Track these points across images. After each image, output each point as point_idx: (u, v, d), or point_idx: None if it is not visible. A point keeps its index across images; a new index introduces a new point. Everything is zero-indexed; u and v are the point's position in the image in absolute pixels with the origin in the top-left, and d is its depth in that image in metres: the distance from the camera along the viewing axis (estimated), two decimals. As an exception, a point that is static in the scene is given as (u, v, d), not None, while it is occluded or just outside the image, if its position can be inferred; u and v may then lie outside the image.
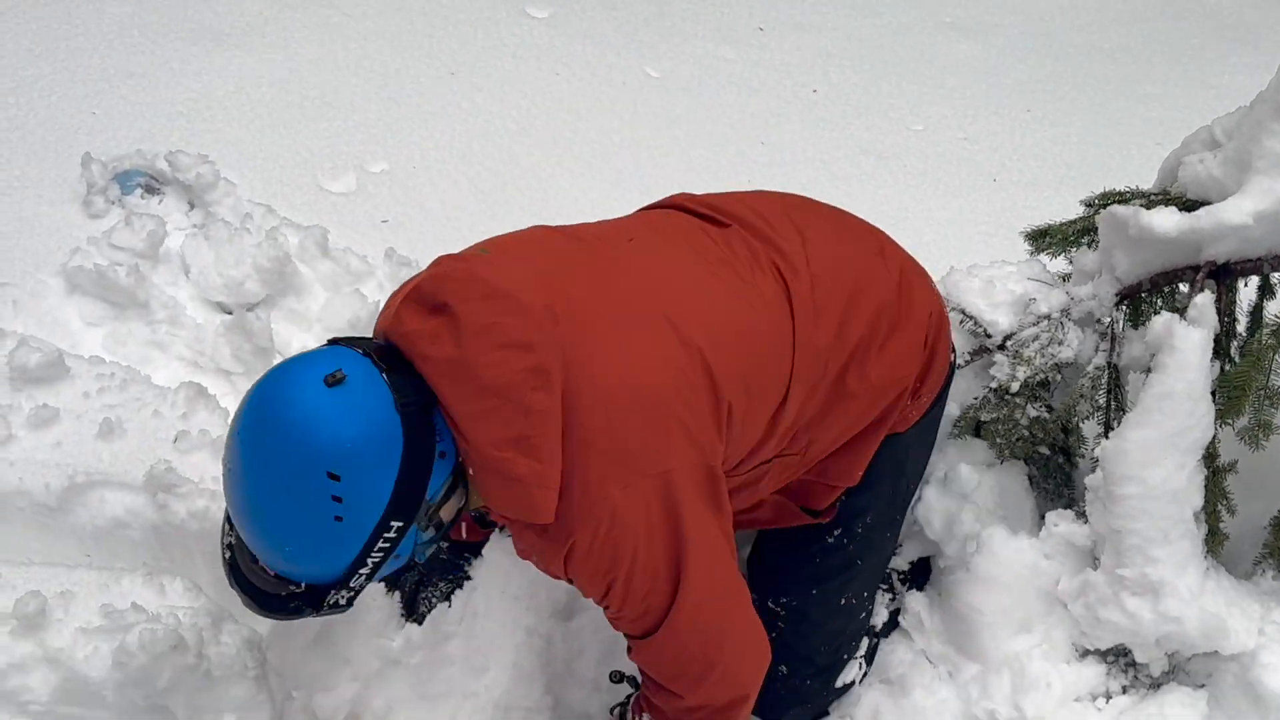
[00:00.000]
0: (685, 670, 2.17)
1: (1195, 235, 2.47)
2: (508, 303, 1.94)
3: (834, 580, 2.52)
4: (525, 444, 1.90)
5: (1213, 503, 2.51)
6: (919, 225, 4.52)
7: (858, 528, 2.49)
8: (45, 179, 4.19)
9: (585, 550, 1.99)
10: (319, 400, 1.83)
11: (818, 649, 2.56)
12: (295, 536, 1.87)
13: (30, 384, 2.76)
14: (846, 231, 2.43)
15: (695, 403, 2.01)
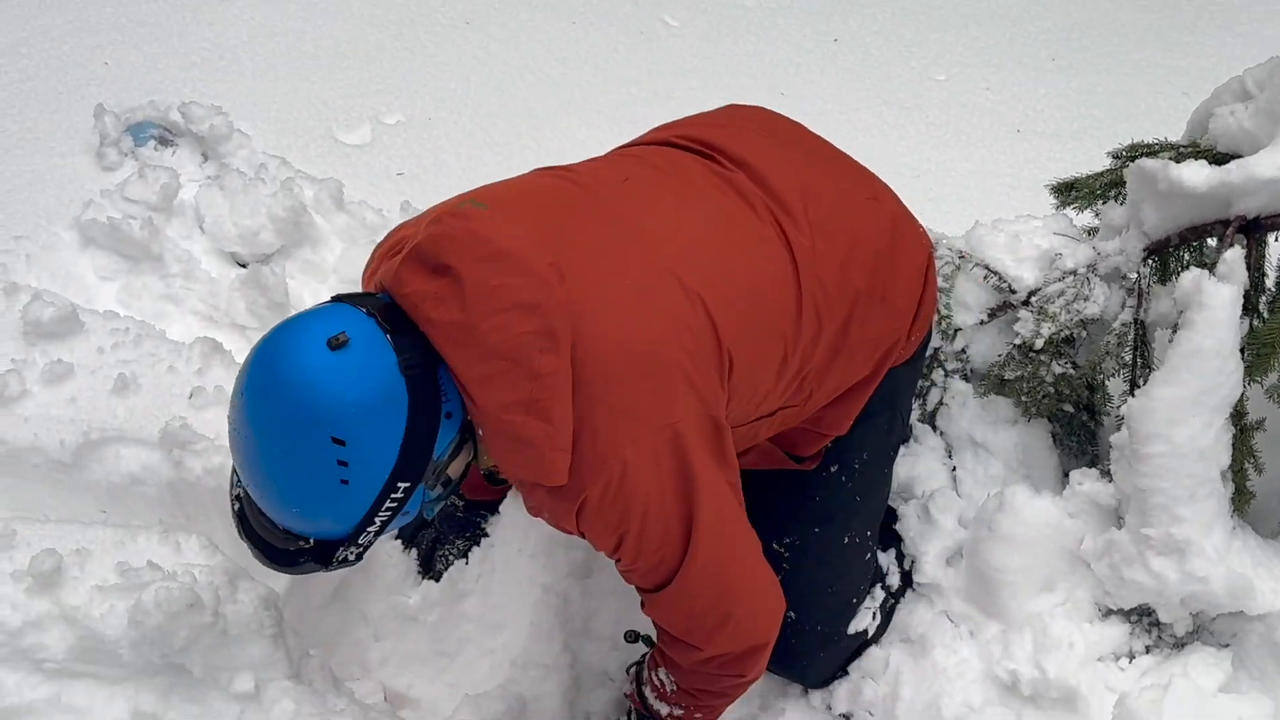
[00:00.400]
0: (700, 622, 2.17)
1: (1225, 189, 2.42)
2: (511, 263, 1.91)
3: (836, 519, 2.53)
4: (535, 407, 1.88)
5: (1240, 461, 2.47)
6: (941, 177, 4.48)
7: (855, 464, 2.50)
8: (57, 131, 4.17)
9: (596, 506, 1.98)
10: (322, 363, 1.81)
11: (824, 590, 2.55)
12: (301, 497, 1.86)
13: (44, 339, 2.74)
14: (843, 176, 2.40)
15: (699, 354, 2.00)
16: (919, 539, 2.69)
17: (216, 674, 2.26)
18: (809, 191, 2.22)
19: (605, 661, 2.80)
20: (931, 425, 2.81)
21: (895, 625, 2.69)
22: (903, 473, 2.77)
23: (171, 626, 2.14)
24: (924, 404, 2.81)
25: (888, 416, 2.50)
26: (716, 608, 2.15)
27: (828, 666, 2.66)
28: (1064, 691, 2.48)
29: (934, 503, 2.69)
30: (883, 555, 2.71)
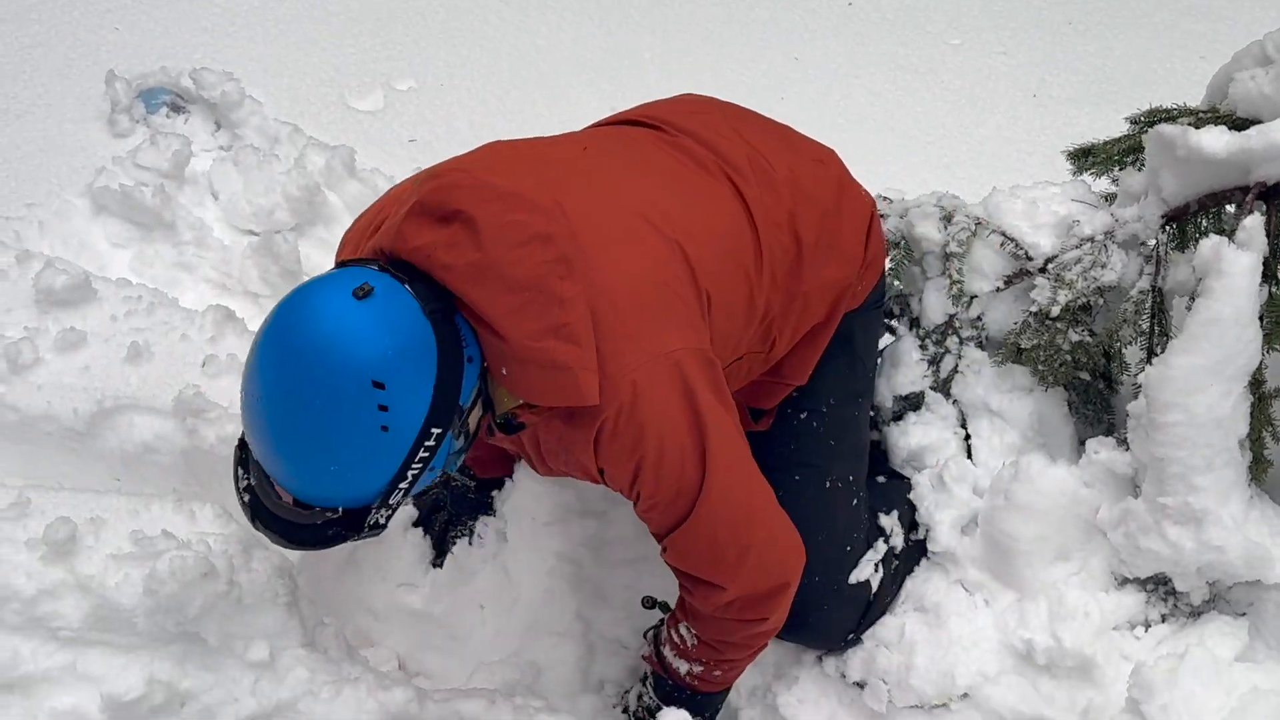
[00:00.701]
0: (722, 556, 2.21)
1: (1245, 155, 2.40)
2: (518, 200, 1.98)
3: (812, 464, 2.57)
4: (564, 331, 1.93)
5: (1258, 430, 2.46)
6: (956, 143, 4.46)
7: (822, 408, 2.57)
8: (69, 97, 4.15)
9: (613, 429, 2.03)
10: (352, 313, 1.81)
11: (815, 540, 2.53)
12: (339, 454, 1.84)
13: (57, 307, 2.74)
14: (789, 143, 2.51)
15: (683, 292, 2.09)
16: (933, 508, 2.68)
17: (231, 642, 2.26)
18: (756, 154, 2.35)
19: (619, 629, 2.80)
20: (945, 393, 2.80)
21: (909, 594, 2.69)
22: (914, 442, 2.76)
23: (186, 595, 2.15)
24: (938, 371, 2.79)
25: (846, 360, 2.59)
26: (737, 539, 2.20)
27: (837, 623, 2.65)
28: (1079, 660, 2.47)
29: (948, 471, 2.69)
30: (885, 517, 2.70)
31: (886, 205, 2.91)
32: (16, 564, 2.20)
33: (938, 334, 2.79)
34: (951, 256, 2.76)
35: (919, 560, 2.73)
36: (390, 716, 2.30)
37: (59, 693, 2.20)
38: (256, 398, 1.85)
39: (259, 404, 1.85)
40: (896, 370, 2.80)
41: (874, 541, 2.68)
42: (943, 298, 2.77)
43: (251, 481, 1.95)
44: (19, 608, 2.18)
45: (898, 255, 2.83)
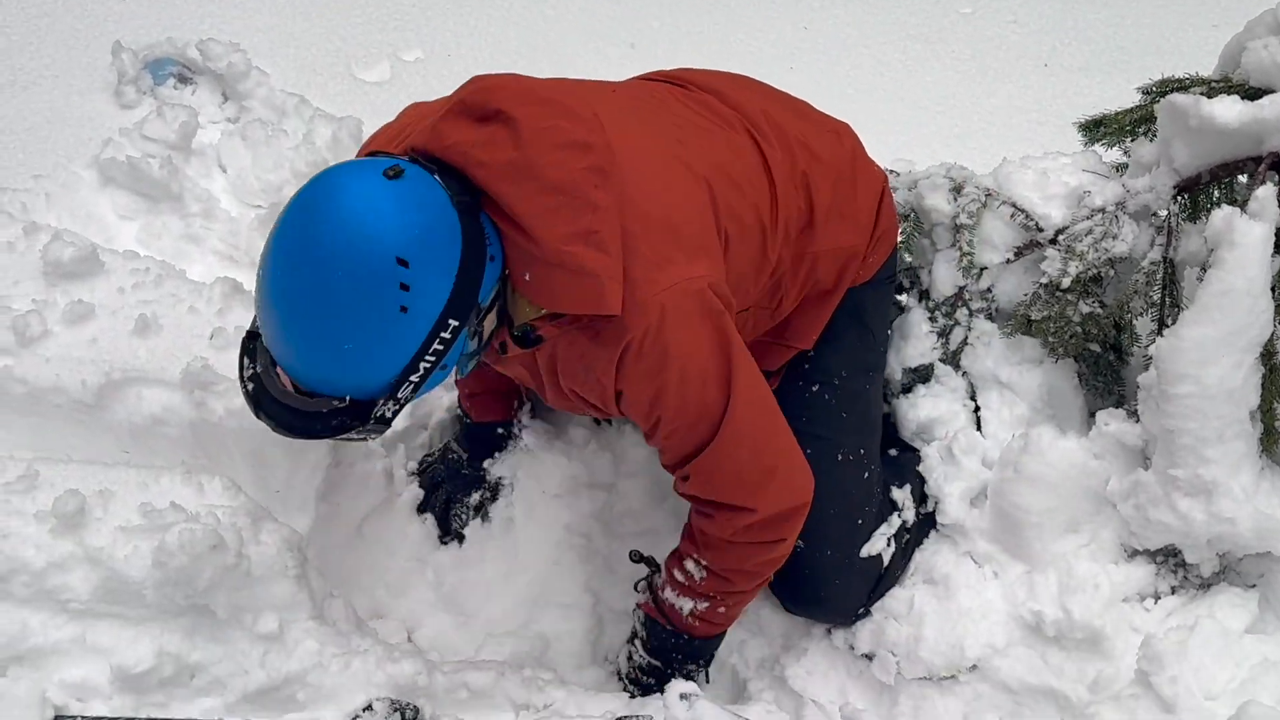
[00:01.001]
0: (745, 478, 2.24)
1: (1258, 125, 2.40)
2: (560, 107, 2.00)
3: (825, 437, 2.56)
4: (594, 238, 1.93)
5: (1269, 401, 2.45)
6: (967, 113, 4.43)
7: (834, 381, 2.59)
8: (75, 68, 4.13)
9: (638, 350, 2.02)
10: (381, 190, 1.80)
11: (827, 513, 2.54)
12: (355, 333, 1.81)
13: (65, 279, 2.73)
14: (800, 114, 2.53)
15: (708, 227, 2.13)
16: (942, 480, 2.68)
17: (240, 614, 2.27)
18: (772, 119, 2.37)
19: (627, 601, 2.80)
20: (954, 365, 2.79)
21: (919, 566, 2.69)
22: (923, 414, 2.76)
23: (195, 568, 2.15)
24: (947, 343, 2.78)
25: (858, 333, 2.61)
26: (760, 460, 2.24)
27: (848, 597, 2.65)
28: (1089, 632, 2.47)
29: (957, 444, 2.68)
30: (897, 491, 2.70)
31: (895, 177, 2.90)
32: (25, 536, 2.20)
33: (947, 306, 2.77)
34: (961, 228, 2.75)
35: (928, 532, 2.73)
36: (399, 688, 2.31)
37: (68, 665, 2.20)
38: (274, 274, 1.82)
39: (276, 280, 1.82)
40: (906, 342, 2.79)
41: (887, 515, 2.68)
42: (952, 269, 2.76)
43: (257, 369, 1.92)
44: (28, 580, 2.18)
45: (907, 227, 2.82)
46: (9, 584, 2.18)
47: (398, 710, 2.24)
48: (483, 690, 2.43)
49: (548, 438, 2.89)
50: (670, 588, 2.46)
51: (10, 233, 2.86)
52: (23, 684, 2.15)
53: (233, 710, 2.27)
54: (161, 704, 2.24)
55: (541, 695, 2.47)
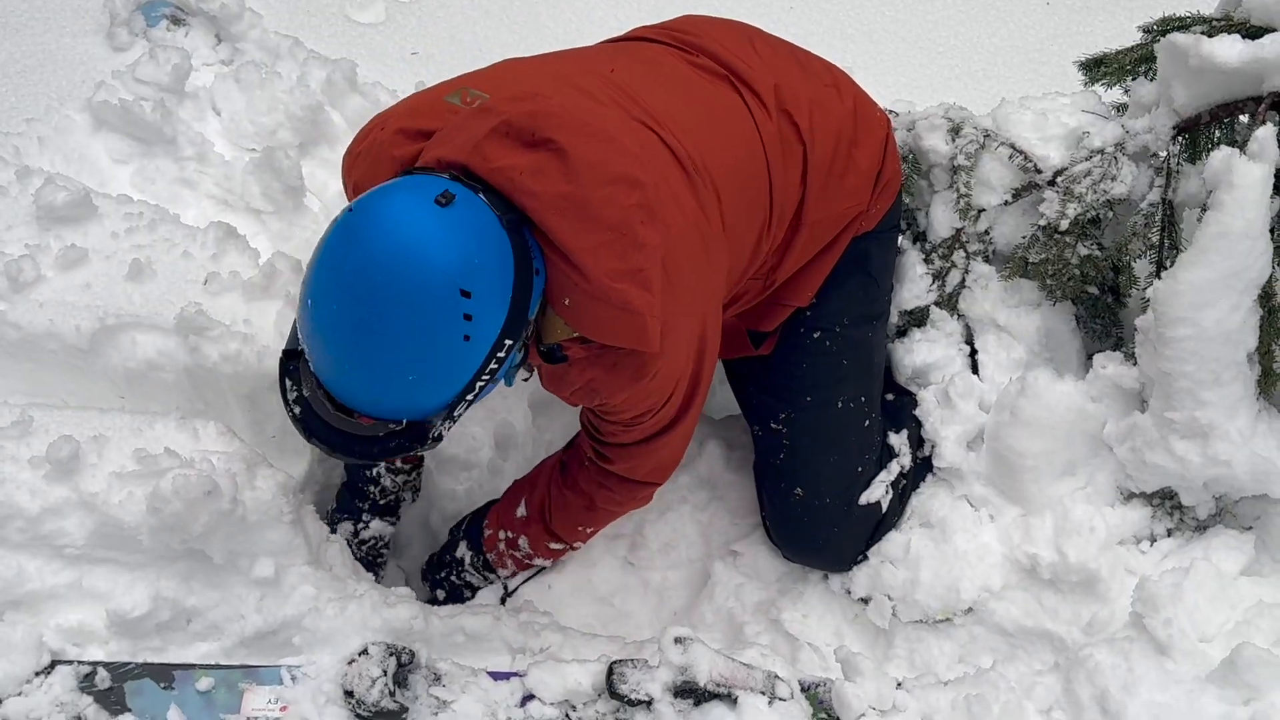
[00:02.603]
0: (666, 465, 2.48)
1: (1259, 65, 2.37)
2: (609, 139, 1.99)
3: (824, 385, 2.59)
4: (640, 277, 1.94)
5: (1267, 343, 2.43)
6: (967, 52, 4.41)
7: (835, 328, 2.59)
8: (67, 9, 4.09)
9: (660, 378, 2.12)
10: (436, 219, 1.77)
11: (827, 461, 2.58)
12: (417, 365, 1.80)
13: (58, 223, 2.71)
14: (801, 66, 2.49)
15: (716, 244, 2.16)
16: (939, 424, 2.68)
17: (236, 560, 2.27)
18: (780, 88, 2.35)
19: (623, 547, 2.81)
20: (951, 309, 2.78)
21: (915, 509, 2.69)
22: (919, 359, 2.75)
23: (190, 513, 2.14)
24: (943, 285, 2.77)
25: (860, 281, 2.60)
26: (674, 457, 2.46)
27: (846, 544, 2.67)
28: (1084, 575, 2.48)
29: (953, 387, 2.67)
30: (895, 436, 2.70)
31: (894, 118, 2.87)
32: (20, 482, 2.20)
33: (944, 248, 2.76)
34: (959, 169, 2.73)
35: (925, 476, 2.73)
36: (395, 633, 2.31)
37: (65, 609, 2.21)
38: (327, 306, 1.78)
39: (329, 312, 1.78)
40: (901, 285, 2.78)
41: (886, 463, 2.68)
42: (950, 211, 2.74)
43: (303, 393, 1.89)
44: (23, 525, 2.18)
45: (905, 168, 2.80)
46: (4, 530, 2.19)
47: (393, 654, 2.24)
48: (479, 634, 2.43)
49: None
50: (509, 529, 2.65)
51: (3, 177, 2.84)
52: (19, 629, 2.16)
53: (229, 654, 2.28)
54: (158, 649, 2.26)
55: (538, 639, 2.48)
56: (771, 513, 2.71)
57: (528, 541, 2.63)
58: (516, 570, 2.72)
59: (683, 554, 2.83)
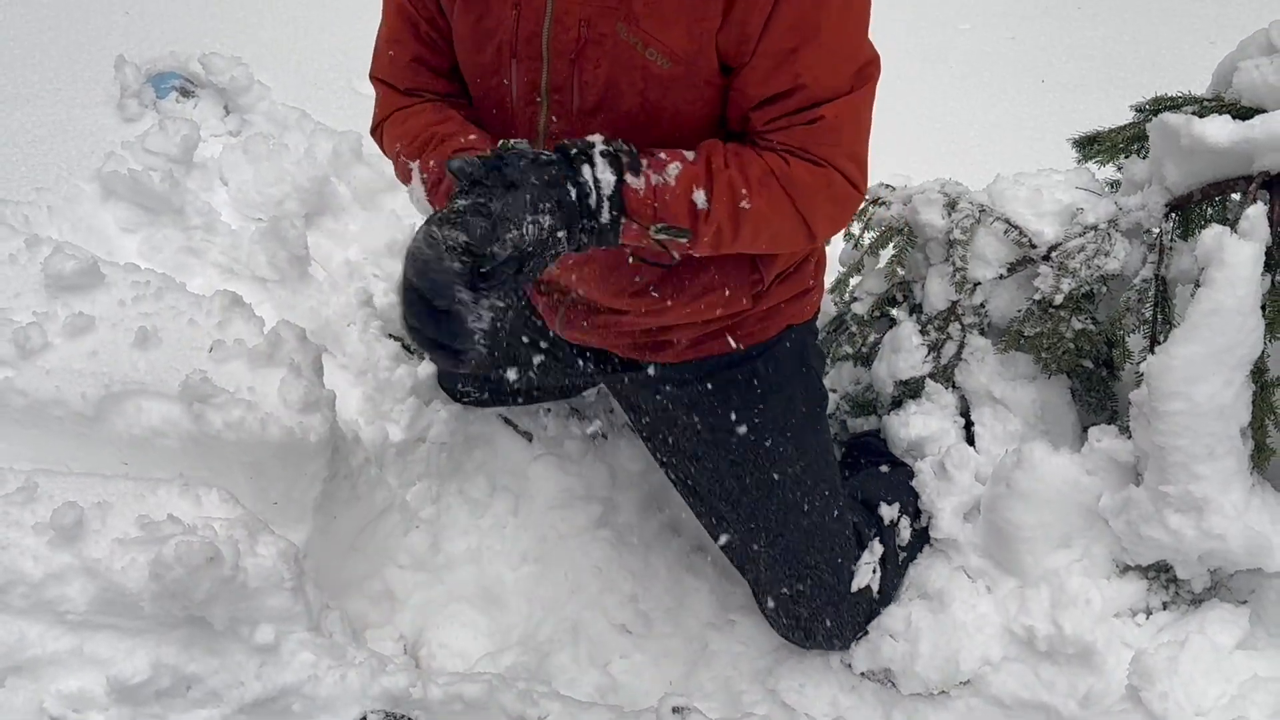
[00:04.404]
0: (859, 152, 2.18)
1: (1248, 145, 2.40)
2: None
3: (787, 490, 2.54)
4: None
5: (1260, 418, 2.45)
6: (964, 128, 4.47)
7: (787, 431, 2.54)
8: (79, 81, 4.17)
9: None
10: None
11: (806, 561, 2.57)
12: None
13: (66, 291, 2.74)
14: None
15: None
16: (935, 495, 2.70)
17: (237, 627, 2.28)
18: None
19: (624, 613, 2.82)
20: (947, 381, 2.80)
21: (913, 581, 2.70)
22: (915, 431, 2.77)
23: (192, 580, 2.16)
24: (939, 357, 2.80)
25: (802, 378, 2.58)
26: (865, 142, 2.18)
27: (843, 631, 2.67)
28: (1080, 647, 2.48)
29: (950, 459, 2.69)
30: (886, 508, 2.71)
31: (890, 192, 2.92)
32: (24, 548, 2.21)
33: (940, 320, 2.79)
34: (955, 243, 2.76)
35: (922, 548, 2.74)
36: (394, 701, 2.32)
37: (65, 675, 2.21)
38: None
39: None
40: (897, 355, 2.81)
41: (867, 541, 2.67)
42: (945, 284, 2.78)
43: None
44: (26, 591, 2.19)
45: (900, 241, 2.84)
46: (7, 595, 2.19)
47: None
48: (477, 702, 2.43)
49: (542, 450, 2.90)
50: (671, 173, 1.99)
51: (12, 245, 2.87)
52: (20, 694, 2.17)
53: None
54: (158, 715, 2.25)
55: (536, 708, 2.48)
56: (761, 605, 2.70)
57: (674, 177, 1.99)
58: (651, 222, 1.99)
59: (680, 622, 2.84)
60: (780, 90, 1.99)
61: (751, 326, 2.45)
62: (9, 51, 4.32)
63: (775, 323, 2.47)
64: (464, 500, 2.91)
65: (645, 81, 1.99)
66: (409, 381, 3.03)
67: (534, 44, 2.03)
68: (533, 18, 2.01)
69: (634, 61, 1.97)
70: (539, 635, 2.78)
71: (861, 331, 3.00)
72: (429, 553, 2.86)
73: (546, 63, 2.03)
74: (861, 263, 2.97)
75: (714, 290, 2.30)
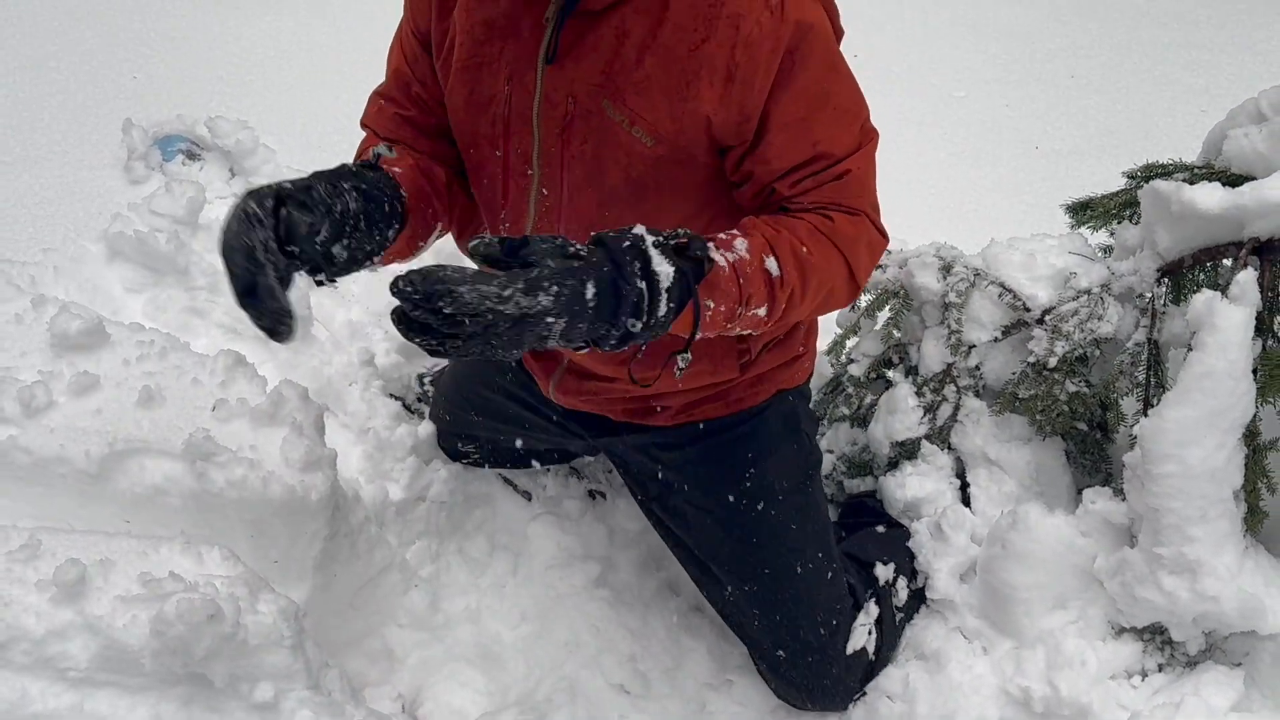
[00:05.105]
0: (877, 201, 2.23)
1: (1238, 212, 2.44)
2: None
3: (781, 554, 2.55)
4: None
5: (1252, 481, 2.48)
6: (960, 194, 4.50)
7: (779, 495, 2.54)
8: (87, 144, 4.22)
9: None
10: None
11: (801, 624, 2.57)
12: None
13: (71, 351, 2.77)
14: None
15: None
16: (932, 556, 2.71)
17: (237, 684, 2.28)
18: None
19: (622, 672, 2.82)
20: (943, 443, 2.83)
21: (910, 641, 2.71)
22: (910, 492, 2.79)
23: (193, 637, 2.17)
24: (934, 419, 2.82)
25: (794, 441, 2.59)
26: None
27: (839, 693, 2.67)
28: (1076, 709, 2.48)
29: (946, 520, 2.71)
30: (881, 568, 2.72)
31: (886, 256, 2.96)
32: (27, 605, 2.22)
33: (935, 382, 2.82)
34: (950, 306, 2.80)
35: (919, 608, 2.75)
36: (392, 759, 2.32)
37: (66, 733, 2.23)
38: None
39: None
40: (893, 416, 2.83)
41: (863, 602, 2.68)
42: (941, 346, 2.81)
43: None
44: (28, 648, 2.20)
45: (896, 304, 2.87)
46: (9, 652, 2.20)
47: (390, 781, 2.25)
48: (475, 761, 2.44)
49: (541, 510, 2.92)
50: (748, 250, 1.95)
51: (18, 305, 2.90)
52: (21, 751, 2.17)
53: (227, 779, 2.28)
54: (157, 772, 2.26)
55: (534, 767, 2.49)
56: (758, 666, 2.71)
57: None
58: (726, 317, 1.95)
59: (678, 682, 2.84)
60: (803, 159, 2.04)
61: (742, 392, 2.47)
62: (19, 114, 4.38)
63: (766, 388, 2.50)
64: (463, 559, 2.92)
65: (630, 158, 2.02)
66: (409, 441, 3.06)
67: (525, 117, 2.07)
68: (524, 91, 2.05)
69: (619, 138, 2.01)
70: (537, 694, 2.78)
71: (858, 393, 3.03)
72: (428, 611, 2.87)
73: (537, 136, 2.08)
74: (858, 325, 3.00)
75: (701, 361, 2.30)
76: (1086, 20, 5.93)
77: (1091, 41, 5.73)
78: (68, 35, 4.92)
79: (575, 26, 1.98)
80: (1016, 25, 5.83)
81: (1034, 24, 5.86)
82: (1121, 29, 5.86)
